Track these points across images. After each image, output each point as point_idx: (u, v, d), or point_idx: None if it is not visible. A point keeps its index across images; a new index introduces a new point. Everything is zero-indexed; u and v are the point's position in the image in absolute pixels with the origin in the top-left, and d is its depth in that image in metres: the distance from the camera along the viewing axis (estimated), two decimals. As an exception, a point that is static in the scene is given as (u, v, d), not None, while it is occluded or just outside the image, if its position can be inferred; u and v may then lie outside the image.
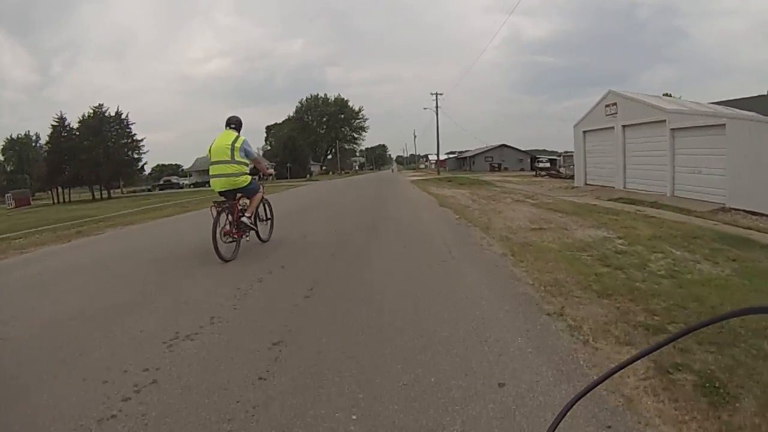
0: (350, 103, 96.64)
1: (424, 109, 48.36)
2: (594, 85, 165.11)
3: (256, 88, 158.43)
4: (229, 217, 5.84)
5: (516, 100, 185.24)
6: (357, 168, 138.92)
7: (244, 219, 5.95)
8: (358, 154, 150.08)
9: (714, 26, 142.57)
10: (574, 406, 0.72)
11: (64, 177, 47.22)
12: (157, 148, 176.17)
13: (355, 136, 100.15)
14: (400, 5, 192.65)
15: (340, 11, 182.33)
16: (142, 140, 49.49)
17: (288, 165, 56.14)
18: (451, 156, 74.42)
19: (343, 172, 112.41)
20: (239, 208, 6.02)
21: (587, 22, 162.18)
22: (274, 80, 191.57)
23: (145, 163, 52.89)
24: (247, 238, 6.24)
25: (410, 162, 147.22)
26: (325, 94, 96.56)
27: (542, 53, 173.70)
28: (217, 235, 5.47)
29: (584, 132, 22.18)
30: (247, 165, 6.04)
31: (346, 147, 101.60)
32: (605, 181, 20.40)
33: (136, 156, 48.96)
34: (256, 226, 6.39)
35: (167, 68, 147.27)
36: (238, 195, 6.05)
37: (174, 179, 61.44)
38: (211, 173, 5.90)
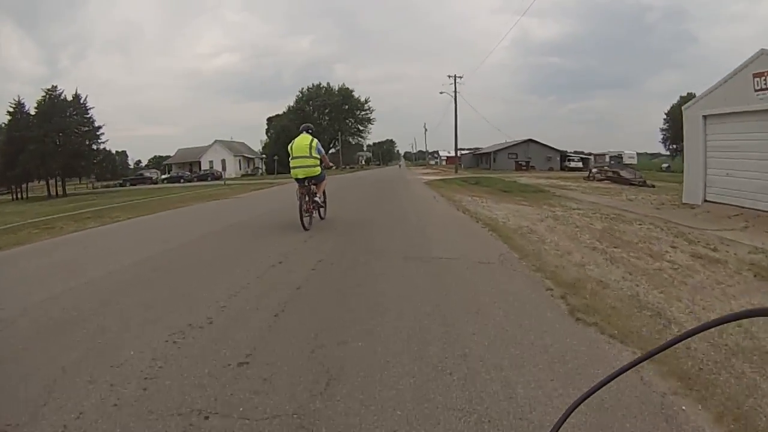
0: (356, 94, 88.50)
1: (440, 93, 39.76)
2: (599, 89, 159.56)
3: (263, 84, 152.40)
4: (307, 197, 8.08)
5: (522, 101, 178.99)
6: (363, 163, 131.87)
7: (316, 199, 8.42)
8: (365, 148, 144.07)
9: (722, 31, 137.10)
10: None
11: (15, 171, 39.91)
12: (164, 141, 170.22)
13: (360, 128, 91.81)
14: (407, 5, 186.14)
15: (348, 10, 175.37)
16: (100, 128, 41.98)
17: (275, 158, 48.76)
18: (465, 152, 66.62)
19: (347, 166, 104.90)
20: (315, 196, 8.35)
21: (595, 25, 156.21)
22: (282, 77, 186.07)
23: (107, 154, 45.44)
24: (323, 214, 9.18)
25: (418, 158, 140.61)
26: (328, 83, 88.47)
27: (549, 54, 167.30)
28: (302, 213, 7.92)
29: (705, 117, 14.17)
30: (319, 159, 8.21)
31: (351, 141, 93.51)
32: (743, 198, 12.48)
33: (95, 146, 41.59)
34: (324, 204, 8.98)
35: (174, 63, 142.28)
36: (311, 181, 8.15)
37: (147, 173, 54.00)
38: (292, 165, 8.15)
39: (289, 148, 8.24)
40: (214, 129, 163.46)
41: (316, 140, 8.17)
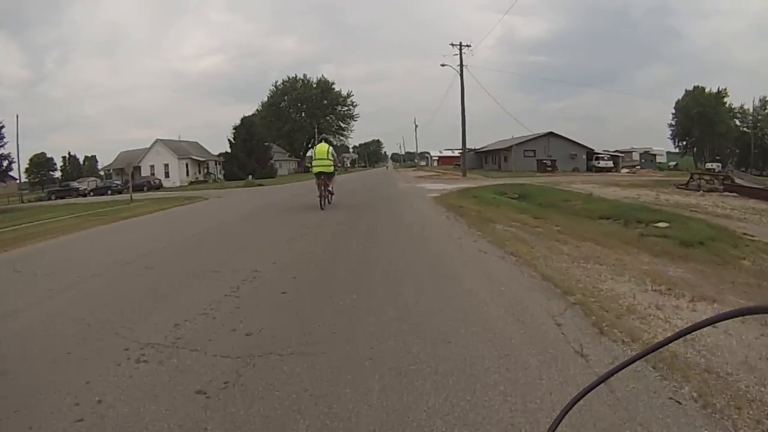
0: (336, 87, 78.08)
1: (442, 66, 29.10)
2: (585, 86, 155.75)
3: (250, 85, 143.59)
4: (323, 188, 11.04)
5: (508, 99, 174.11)
6: (348, 164, 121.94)
7: (330, 189, 11.55)
8: (351, 150, 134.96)
9: (708, 26, 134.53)
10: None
11: None
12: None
13: (342, 125, 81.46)
14: (392, 1, 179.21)
15: (331, 6, 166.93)
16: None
17: (220, 162, 39.13)
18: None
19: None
20: (327, 187, 11.36)
21: (580, 21, 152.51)
22: (268, 77, 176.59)
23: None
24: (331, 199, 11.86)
25: (406, 159, 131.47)
26: (305, 75, 78.40)
27: (535, 52, 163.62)
28: (321, 197, 11.02)
29: None
30: (332, 161, 11.35)
31: (333, 140, 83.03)
32: None
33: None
34: (332, 193, 11.89)
35: (159, 65, 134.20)
36: (325, 177, 11.21)
37: (77, 183, 43.10)
38: (314, 164, 11.59)
39: (312, 151, 15.04)
40: (200, 130, 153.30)
41: (331, 147, 11.92)
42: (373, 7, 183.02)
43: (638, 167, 45.75)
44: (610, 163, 40.55)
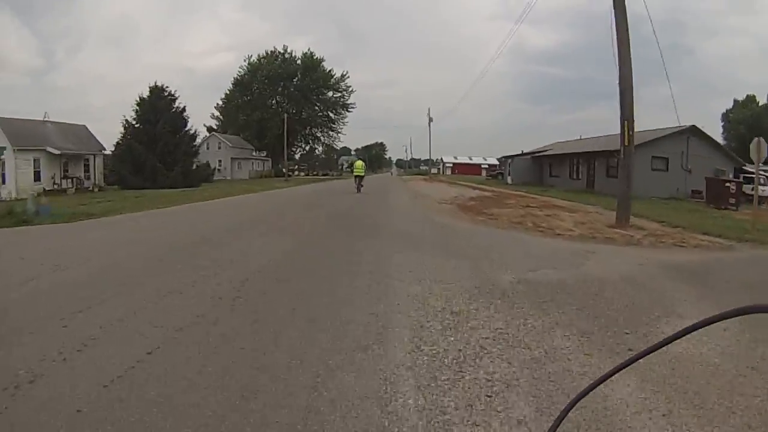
0: (326, 65, 59.35)
1: None
2: (593, 99, 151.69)
3: None
4: (358, 181, 19.86)
5: (518, 111, 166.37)
6: (345, 167, 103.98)
7: (362, 184, 19.74)
8: (353, 152, 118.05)
9: (718, 44, 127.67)
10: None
11: None
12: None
13: (332, 116, 61.65)
14: (403, 9, 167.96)
15: (344, 11, 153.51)
16: None
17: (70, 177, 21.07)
18: (510, 157, 38.60)
19: (318, 173, 76.12)
20: (362, 183, 19.91)
21: (591, 35, 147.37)
22: None
23: None
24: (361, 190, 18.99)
25: (411, 166, 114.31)
26: (285, 47, 59.33)
27: (545, 64, 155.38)
28: (357, 187, 19.32)
29: None
30: (365, 170, 21.40)
31: (321, 136, 63.99)
32: None
33: None
34: (363, 185, 19.72)
35: (170, 60, 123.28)
36: (361, 178, 20.09)
37: None
38: (355, 172, 20.78)
39: (352, 165, 25.75)
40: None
41: (364, 163, 21.85)
42: (383, 15, 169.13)
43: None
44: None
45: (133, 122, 29.54)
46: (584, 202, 16.20)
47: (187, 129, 31.33)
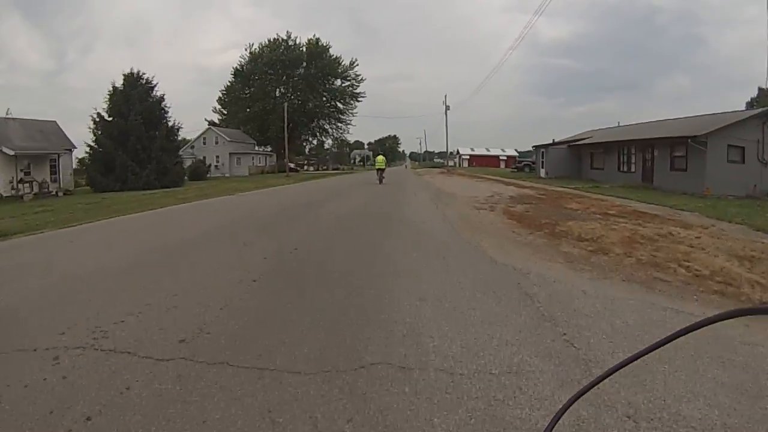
0: (333, 53, 54.81)
1: None
2: (607, 91, 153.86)
3: None
4: (379, 173, 23.59)
5: (531, 103, 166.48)
6: (357, 162, 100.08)
7: (383, 176, 23.37)
8: (366, 146, 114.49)
9: (734, 35, 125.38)
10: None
11: None
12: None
13: (341, 106, 56.36)
14: (416, 2, 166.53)
15: (356, 7, 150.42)
16: None
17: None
18: (545, 147, 33.83)
19: (328, 167, 72.18)
20: (383, 175, 23.51)
21: (605, 27, 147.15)
22: None
23: None
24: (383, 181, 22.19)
25: (425, 159, 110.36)
26: (289, 33, 54.79)
27: (558, 56, 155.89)
28: (378, 178, 23.04)
29: None
30: (385, 163, 25.16)
31: (328, 128, 59.55)
32: None
33: None
34: (384, 178, 23.20)
35: (182, 58, 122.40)
36: (382, 171, 23.73)
37: None
38: (377, 165, 24.74)
39: (374, 159, 33.47)
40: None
41: (384, 158, 25.64)
42: (396, 10, 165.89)
43: None
44: None
45: (105, 115, 25.79)
46: (663, 203, 11.87)
47: (165, 121, 27.32)
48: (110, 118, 26.00)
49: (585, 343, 2.82)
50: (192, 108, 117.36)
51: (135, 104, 25.92)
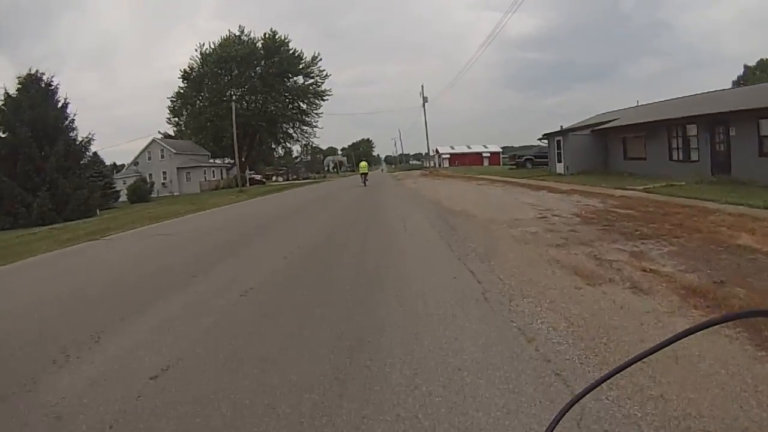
0: (293, 46, 48.17)
1: None
2: (580, 81, 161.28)
3: None
4: (363, 177, 27.03)
5: (502, 97, 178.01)
6: (331, 169, 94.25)
7: (366, 180, 26.77)
8: (340, 152, 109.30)
9: (697, 16, 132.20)
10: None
11: None
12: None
13: (304, 107, 50.06)
14: (383, 6, 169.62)
15: (322, 10, 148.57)
16: None
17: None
18: (562, 132, 29.15)
19: (297, 177, 65.60)
20: (366, 177, 27.32)
21: (571, 17, 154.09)
22: None
23: None
24: (366, 183, 26.27)
25: (401, 161, 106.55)
26: (242, 28, 48.78)
27: (527, 49, 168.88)
28: (363, 181, 26.62)
29: None
30: (368, 168, 29.69)
31: (292, 132, 52.69)
32: None
33: None
34: (367, 181, 27.13)
35: (151, 74, 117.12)
36: (365, 175, 27.36)
37: None
38: (360, 170, 28.08)
39: (358, 165, 29.96)
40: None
41: (367, 163, 30.16)
42: (362, 10, 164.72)
43: None
44: None
45: None
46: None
47: (69, 132, 20.74)
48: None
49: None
50: (162, 126, 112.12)
51: (25, 112, 19.49)
